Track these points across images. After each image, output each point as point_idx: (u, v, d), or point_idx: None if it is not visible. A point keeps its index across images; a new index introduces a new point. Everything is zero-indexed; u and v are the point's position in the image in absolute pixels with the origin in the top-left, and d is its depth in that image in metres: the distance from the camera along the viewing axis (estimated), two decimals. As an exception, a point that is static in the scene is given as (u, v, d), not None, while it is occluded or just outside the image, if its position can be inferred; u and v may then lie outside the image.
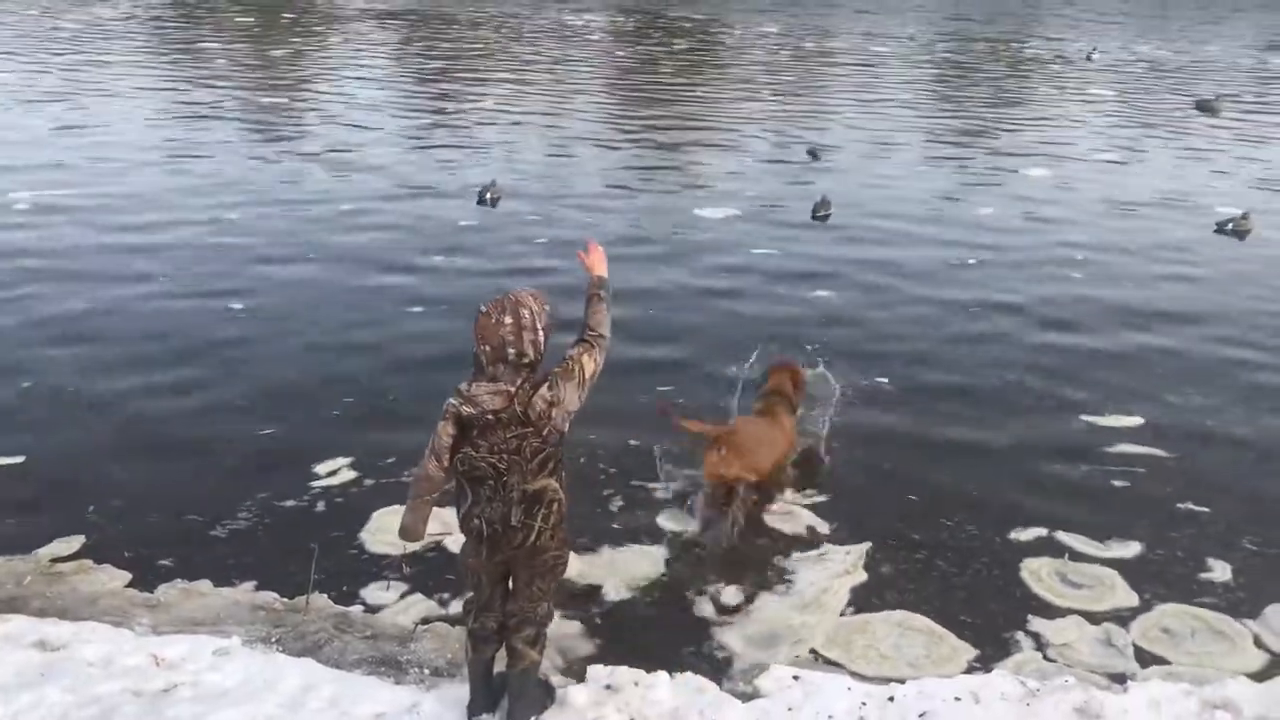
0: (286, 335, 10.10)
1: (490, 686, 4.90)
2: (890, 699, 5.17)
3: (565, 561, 4.85)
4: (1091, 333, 10.72)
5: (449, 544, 6.45)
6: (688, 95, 24.92)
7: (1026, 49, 36.41)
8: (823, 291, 11.67)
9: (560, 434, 4.55)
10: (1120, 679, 5.64)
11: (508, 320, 4.41)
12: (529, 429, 4.46)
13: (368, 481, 7.43)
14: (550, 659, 5.31)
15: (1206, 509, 7.38)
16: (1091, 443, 8.37)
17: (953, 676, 5.43)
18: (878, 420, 8.63)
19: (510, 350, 4.42)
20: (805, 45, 35.24)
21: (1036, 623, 6.13)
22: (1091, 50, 34.57)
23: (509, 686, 4.85)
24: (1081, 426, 8.67)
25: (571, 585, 6.06)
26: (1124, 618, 6.20)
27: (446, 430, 4.51)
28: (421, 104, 22.78)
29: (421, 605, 6.10)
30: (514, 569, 4.74)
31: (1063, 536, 6.98)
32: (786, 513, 7.25)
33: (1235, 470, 8.04)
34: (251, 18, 37.54)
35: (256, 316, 10.52)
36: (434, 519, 4.72)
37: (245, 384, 8.99)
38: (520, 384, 4.43)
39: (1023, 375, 9.63)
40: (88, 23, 34.06)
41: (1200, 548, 6.92)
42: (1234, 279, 12.70)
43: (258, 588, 6.22)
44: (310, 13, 39.73)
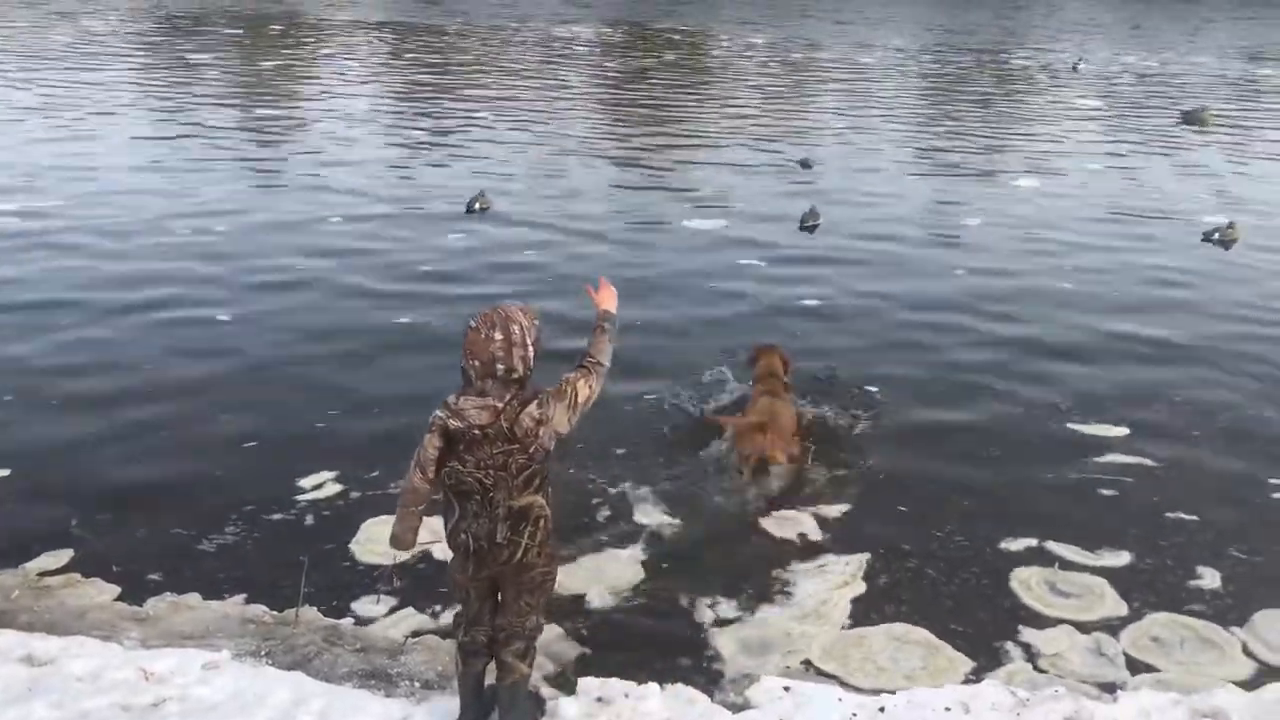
0: (269, 347, 10.07)
1: (481, 700, 4.89)
2: (881, 709, 5.17)
3: (553, 577, 4.83)
4: (1078, 342, 10.75)
5: (440, 555, 6.42)
6: (677, 106, 24.97)
7: (1013, 60, 36.56)
8: (810, 301, 11.70)
9: (546, 451, 4.54)
10: (1110, 688, 5.64)
11: (497, 336, 4.40)
12: (515, 445, 4.44)
13: (354, 494, 7.40)
14: (541, 668, 5.30)
15: (1195, 518, 7.40)
16: (1079, 452, 8.39)
17: (943, 687, 5.44)
18: (866, 430, 8.64)
19: (499, 366, 4.41)
20: (793, 57, 35.34)
21: (1027, 633, 6.14)
22: (1078, 61, 34.75)
23: (499, 700, 4.83)
24: (1069, 436, 8.69)
25: (558, 595, 6.03)
26: (1114, 627, 6.21)
27: (433, 443, 4.49)
28: (410, 116, 22.77)
29: (412, 618, 6.08)
30: (501, 584, 4.72)
31: (1052, 546, 6.99)
32: (784, 519, 7.26)
33: (1223, 479, 8.06)
34: (240, 29, 37.52)
35: (240, 328, 10.47)
36: (424, 528, 4.71)
37: (228, 397, 8.93)
38: (509, 400, 4.42)
39: (1011, 385, 9.65)
40: (78, 36, 33.98)
41: (1189, 556, 6.94)
42: (1220, 288, 12.75)
43: (247, 601, 6.19)
44: (297, 24, 39.73)
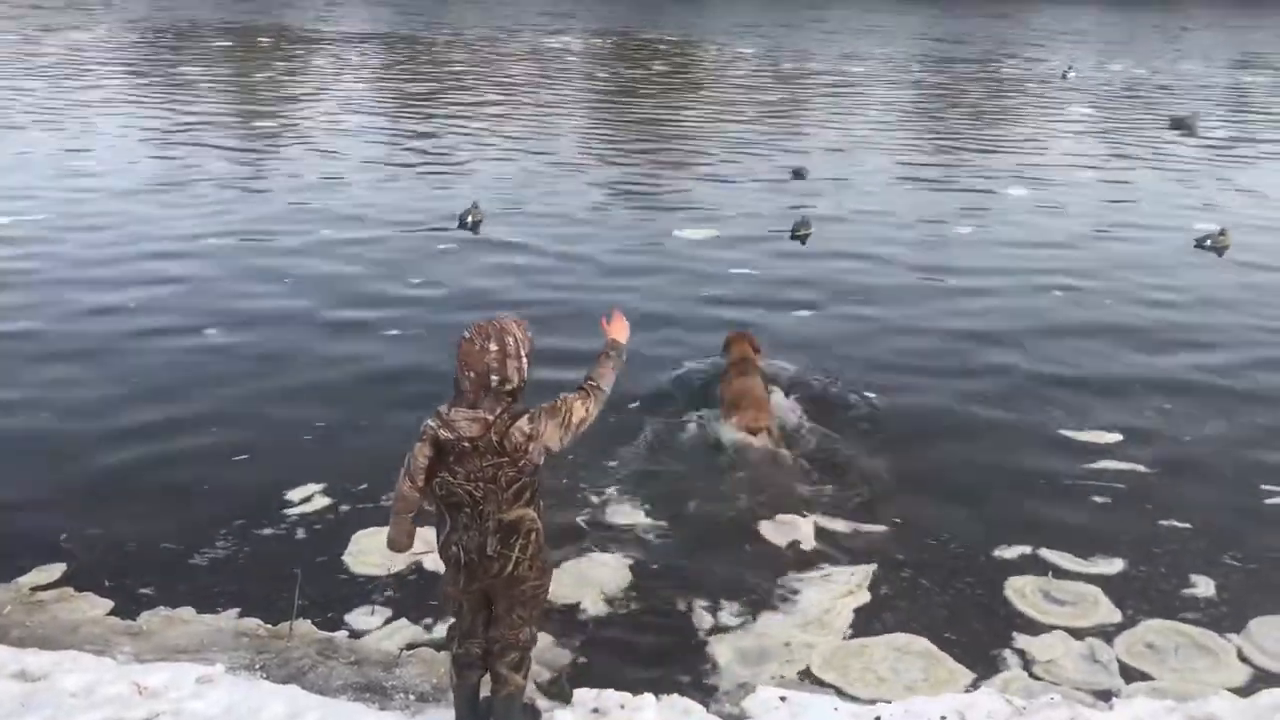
0: (255, 360, 10.04)
1: (476, 712, 4.87)
2: (877, 719, 5.17)
3: (545, 590, 4.80)
4: (1071, 349, 10.77)
5: (432, 567, 6.41)
6: (669, 116, 25.02)
7: (1003, 68, 36.67)
8: (802, 311, 11.72)
9: (536, 466, 4.53)
10: (1105, 695, 5.65)
11: (493, 347, 4.39)
12: (504, 459, 4.42)
13: (344, 508, 7.38)
14: (536, 679, 5.29)
15: (1189, 525, 7.41)
16: (1073, 459, 8.41)
17: (939, 695, 5.44)
18: (861, 439, 8.65)
19: (494, 377, 4.40)
20: (784, 67, 35.41)
21: (1021, 640, 6.14)
22: (1067, 69, 34.86)
23: (494, 712, 4.82)
24: (1062, 443, 8.71)
25: (552, 603, 6.02)
26: (1108, 634, 6.22)
27: (423, 451, 4.48)
28: (401, 128, 22.79)
29: (407, 630, 6.07)
30: (494, 597, 4.70)
31: (1046, 553, 7.00)
32: (782, 526, 7.27)
33: (1217, 485, 8.09)
34: (230, 40, 37.52)
35: (230, 345, 10.41)
36: (418, 538, 4.70)
37: (216, 412, 8.89)
38: (500, 413, 4.41)
39: (1003, 393, 9.67)
40: (68, 47, 33.95)
41: (1183, 563, 6.95)
42: (1212, 294, 12.80)
43: (241, 614, 6.17)
44: (287, 36, 39.74)
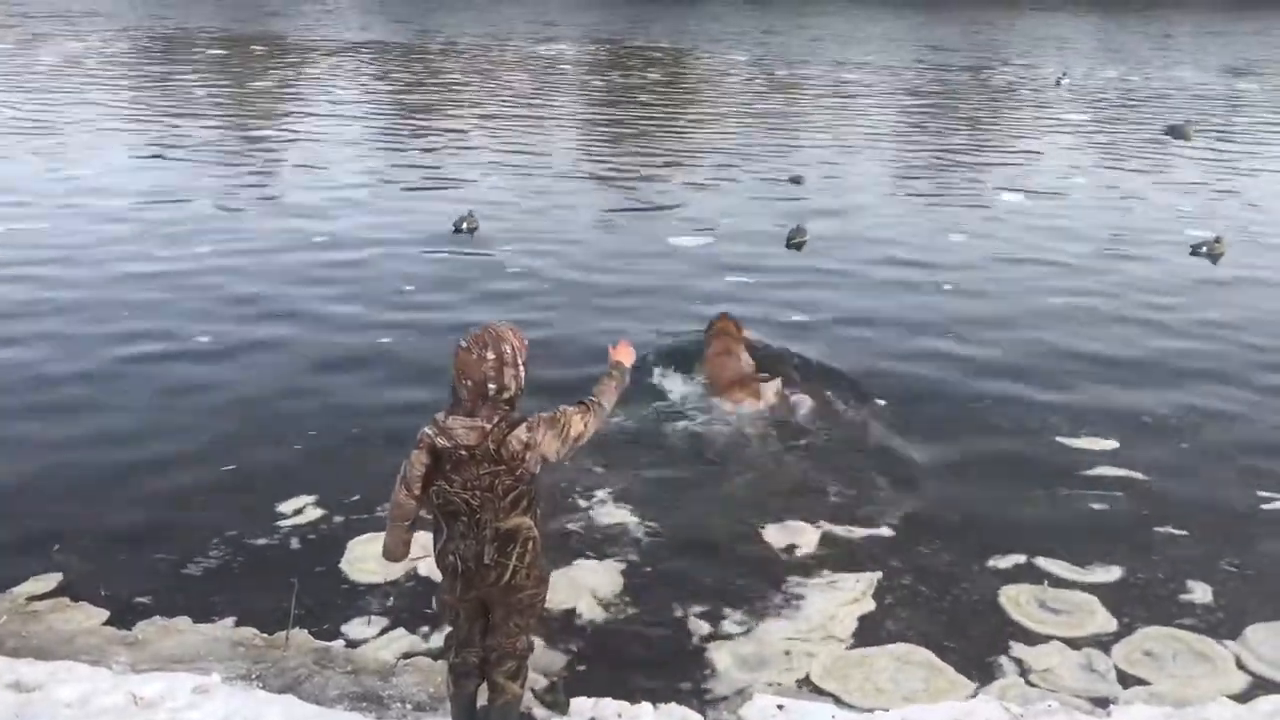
0: (245, 370, 10.00)
1: (473, 721, 4.86)
2: (874, 727, 5.17)
3: (543, 598, 4.79)
4: (1066, 356, 10.78)
5: (427, 573, 6.40)
6: (664, 124, 25.04)
7: (996, 75, 36.75)
8: (797, 316, 11.72)
9: (532, 475, 4.52)
10: (1103, 703, 5.65)
11: (490, 356, 4.38)
12: (501, 467, 4.42)
13: (337, 518, 7.34)
14: (534, 687, 5.28)
15: (1185, 532, 7.42)
16: (1068, 467, 8.41)
17: (937, 704, 5.43)
18: (858, 444, 8.66)
19: (491, 386, 4.38)
20: (778, 73, 35.45)
21: (1018, 649, 6.14)
22: (1061, 76, 34.92)
23: (492, 721, 4.81)
24: (1057, 450, 8.71)
25: (551, 610, 6.00)
26: (1105, 641, 6.21)
27: (419, 459, 4.46)
28: (396, 136, 22.79)
29: (403, 640, 6.06)
30: (491, 606, 4.69)
31: (1042, 562, 7.00)
32: (781, 532, 7.27)
33: (1213, 492, 8.09)
34: (225, 50, 37.53)
35: (220, 355, 10.34)
36: (414, 544, 4.68)
37: (206, 424, 8.84)
38: (497, 422, 4.40)
39: (998, 400, 9.68)
40: (62, 59, 33.91)
41: (1180, 570, 6.95)
42: (1208, 301, 12.82)
43: (237, 624, 6.16)
44: (281, 45, 39.74)
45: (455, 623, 4.79)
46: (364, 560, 6.75)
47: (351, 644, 6.02)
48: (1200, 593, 6.70)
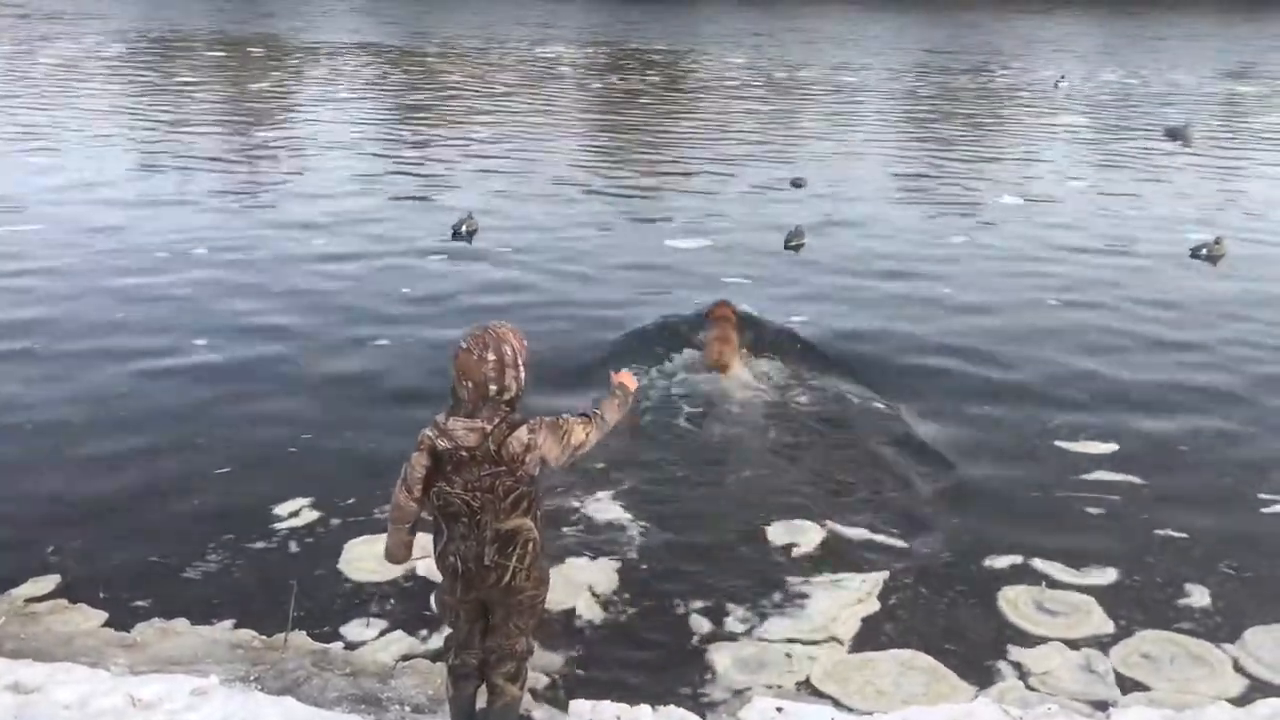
0: (244, 374, 9.98)
1: (473, 723, 4.86)
2: (873, 729, 5.17)
3: (543, 600, 4.79)
4: (1065, 359, 10.78)
5: (425, 573, 6.39)
6: (663, 126, 25.03)
7: (994, 78, 36.77)
8: (795, 317, 11.70)
9: (532, 476, 4.52)
10: (1102, 706, 5.64)
11: (490, 357, 4.38)
12: (502, 468, 4.42)
13: (334, 520, 7.32)
14: (533, 688, 5.28)
15: (1183, 535, 7.42)
16: (1067, 470, 8.41)
17: (936, 706, 5.43)
18: (856, 445, 8.65)
19: (492, 387, 4.39)
20: (774, 76, 35.45)
21: (1017, 651, 6.13)
22: (1059, 78, 34.93)
23: (491, 723, 4.81)
24: (1056, 453, 8.71)
25: (550, 611, 5.99)
26: (1104, 644, 6.21)
27: (420, 461, 4.46)
28: (393, 139, 22.82)
29: (402, 642, 6.05)
30: (491, 607, 4.69)
31: (1040, 564, 6.99)
32: (780, 533, 7.28)
33: (1212, 495, 8.09)
34: (222, 51, 37.53)
35: (216, 358, 10.32)
36: (415, 545, 4.68)
37: (201, 427, 8.82)
38: (497, 423, 4.40)
39: (996, 402, 9.66)
40: (57, 61, 33.90)
41: (1178, 573, 6.95)
42: (1208, 304, 12.81)
43: (236, 626, 6.15)
44: (278, 47, 39.73)
45: (455, 624, 4.79)
46: (362, 560, 6.76)
47: (350, 646, 6.02)
48: (1198, 596, 6.70)
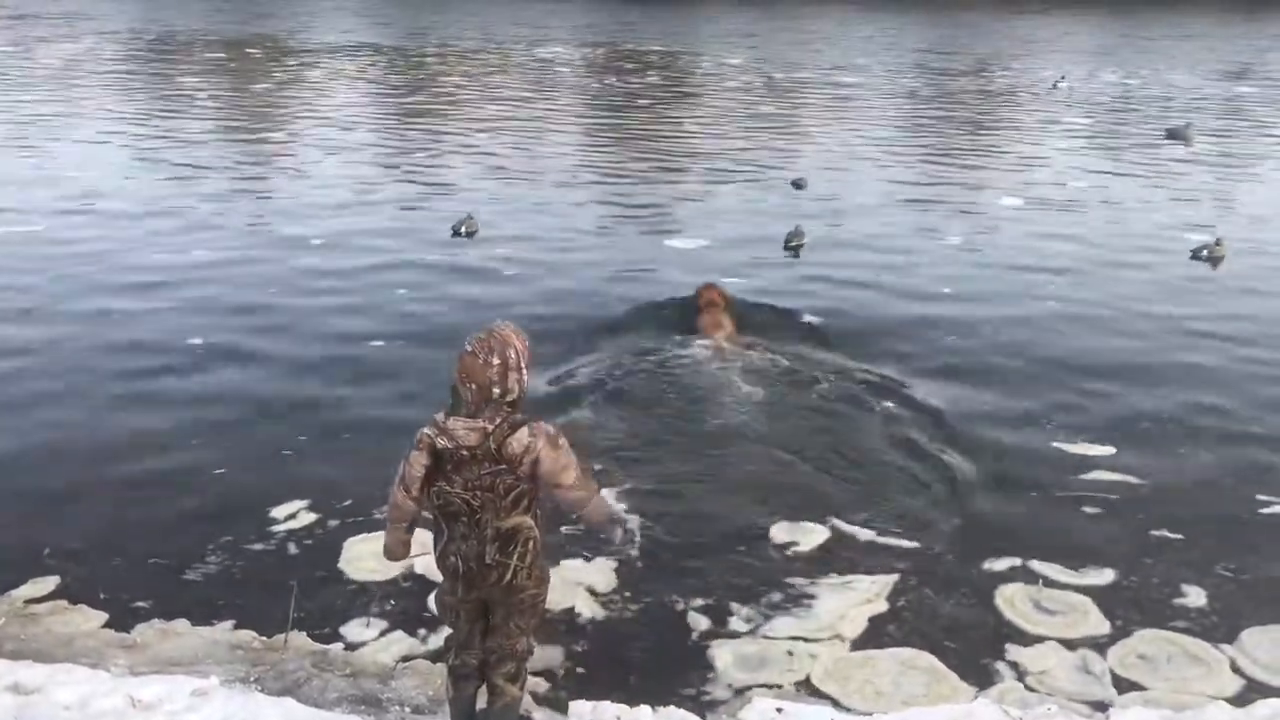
0: (243, 374, 9.99)
1: (472, 724, 4.87)
2: (872, 729, 5.18)
3: (543, 599, 4.80)
4: (1064, 360, 10.78)
5: (423, 572, 6.41)
6: (662, 127, 25.01)
7: (994, 78, 36.76)
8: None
9: (532, 475, 4.52)
10: (1100, 706, 5.66)
11: (495, 361, 4.39)
12: (502, 466, 4.43)
13: (331, 521, 7.32)
14: (533, 690, 5.29)
15: (1181, 536, 7.43)
16: (1064, 470, 8.42)
17: (935, 707, 5.44)
18: (854, 447, 8.65)
19: (495, 390, 4.40)
20: (774, 77, 35.45)
21: (1014, 651, 6.15)
22: (1059, 79, 34.91)
23: (491, 724, 4.82)
24: (1054, 453, 8.72)
25: (550, 610, 5.99)
26: (1100, 644, 6.23)
27: (420, 460, 4.46)
28: (392, 139, 22.80)
29: (403, 642, 6.07)
30: (491, 607, 4.70)
31: (1037, 565, 7.00)
32: (781, 532, 7.29)
33: (1209, 496, 8.10)
34: (221, 53, 37.52)
35: (211, 361, 10.30)
36: (415, 543, 4.68)
37: (199, 428, 8.82)
38: (499, 423, 4.42)
39: (994, 403, 9.68)
40: (54, 62, 33.89)
41: (1175, 574, 6.96)
42: (1207, 306, 12.81)
43: (236, 626, 6.16)
44: (276, 48, 39.71)
45: (455, 624, 4.79)
46: (362, 559, 6.77)
47: (350, 646, 6.03)
48: (1195, 596, 6.71)
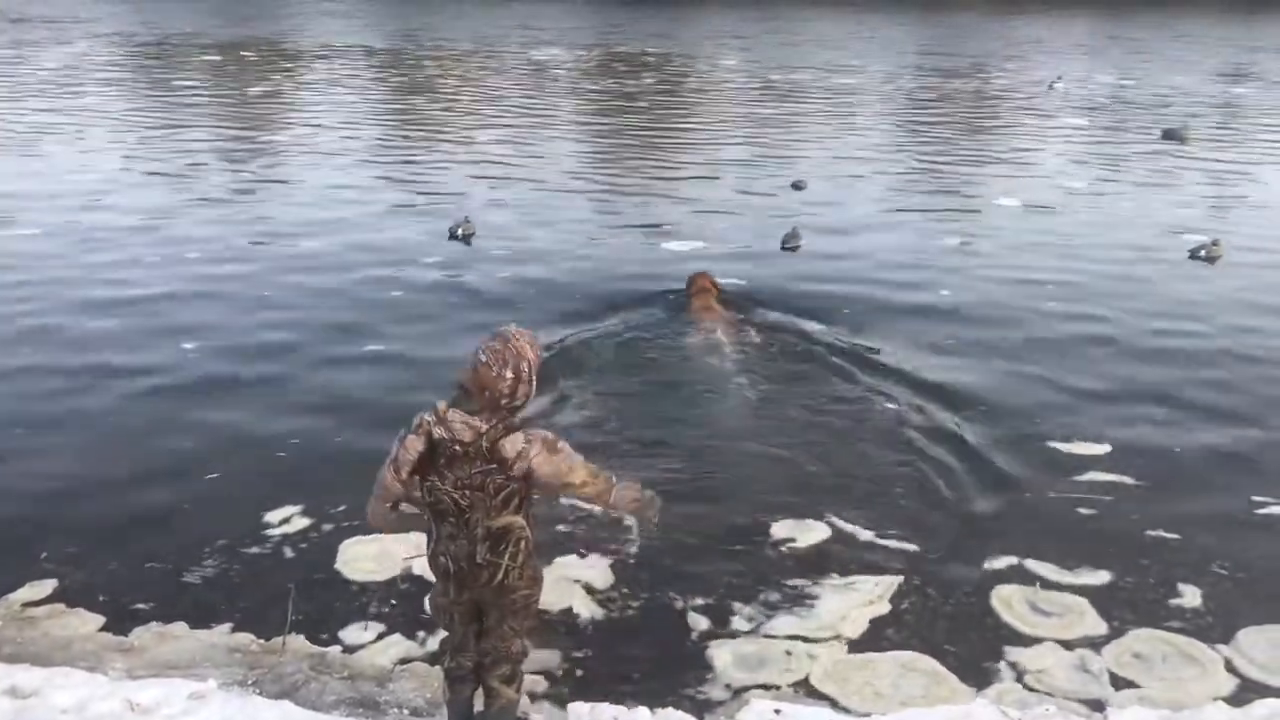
0: (241, 376, 9.97)
1: (470, 726, 4.88)
2: (869, 730, 5.19)
3: (536, 600, 4.80)
4: (1060, 360, 10.78)
5: (427, 576, 6.38)
6: (660, 129, 24.99)
7: (990, 79, 36.77)
8: (792, 317, 11.72)
9: (524, 475, 4.52)
10: (1097, 706, 5.66)
11: (508, 375, 4.37)
12: (493, 465, 4.43)
13: (326, 525, 7.30)
14: (530, 689, 5.30)
15: (1176, 536, 7.44)
16: (1060, 470, 8.42)
17: (934, 708, 5.45)
18: (853, 446, 8.68)
19: (504, 399, 4.41)
20: (770, 78, 35.45)
21: (1012, 651, 6.16)
22: (1055, 80, 34.90)
23: (488, 726, 4.83)
24: (1049, 453, 8.72)
25: (547, 610, 6.01)
26: (1097, 644, 6.24)
27: (415, 445, 4.43)
28: (389, 142, 22.77)
29: (400, 645, 6.07)
30: (484, 608, 4.70)
31: (1032, 564, 7.01)
32: (780, 531, 7.30)
33: (1205, 496, 8.11)
34: (217, 55, 37.51)
35: (211, 361, 10.30)
36: (408, 543, 4.67)
37: (193, 433, 8.80)
38: (495, 423, 4.43)
39: (990, 402, 9.67)
40: (52, 65, 33.88)
41: (1170, 574, 6.97)
42: (1204, 305, 12.80)
43: (234, 630, 6.16)
44: (271, 51, 39.69)
45: (449, 627, 4.80)
46: (359, 561, 6.78)
47: (348, 649, 6.03)
48: (1190, 596, 6.73)
